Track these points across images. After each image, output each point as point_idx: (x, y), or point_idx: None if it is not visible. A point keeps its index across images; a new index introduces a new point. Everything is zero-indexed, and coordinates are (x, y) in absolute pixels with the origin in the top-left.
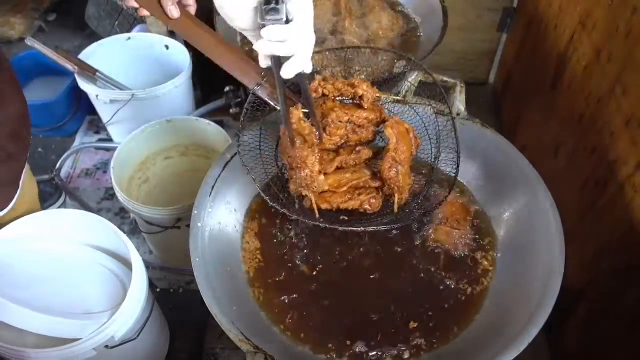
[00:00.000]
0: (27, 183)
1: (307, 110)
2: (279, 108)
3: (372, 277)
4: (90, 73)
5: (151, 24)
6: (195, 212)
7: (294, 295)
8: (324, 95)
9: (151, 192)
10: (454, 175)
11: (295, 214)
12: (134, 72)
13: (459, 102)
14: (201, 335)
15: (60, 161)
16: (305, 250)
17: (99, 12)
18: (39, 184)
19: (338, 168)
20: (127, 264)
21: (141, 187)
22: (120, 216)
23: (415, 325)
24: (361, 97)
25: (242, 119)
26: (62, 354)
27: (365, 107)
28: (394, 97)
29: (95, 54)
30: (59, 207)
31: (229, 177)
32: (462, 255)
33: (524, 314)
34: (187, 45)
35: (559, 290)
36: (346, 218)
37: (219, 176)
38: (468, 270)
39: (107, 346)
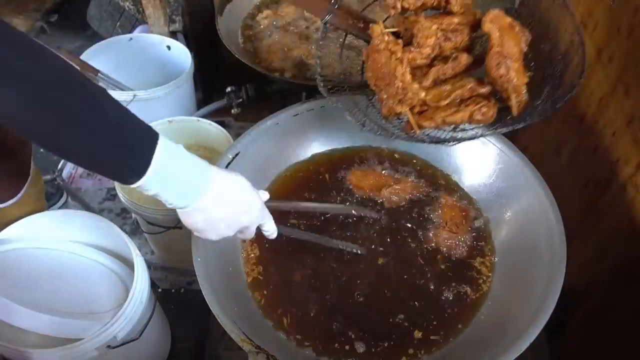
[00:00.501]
0: (35, 179)
1: (389, 29)
2: (356, 34)
3: (372, 280)
4: (92, 73)
5: (152, 25)
6: None
7: (295, 296)
8: (404, 9)
9: None
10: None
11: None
12: (135, 72)
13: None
14: (203, 335)
15: (62, 161)
16: (306, 251)
17: (100, 13)
18: None
19: (435, 82)
20: (129, 264)
21: None
22: (122, 216)
23: (415, 327)
24: (447, 2)
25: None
26: (64, 353)
27: (454, 11)
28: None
29: (97, 55)
30: (61, 207)
31: None
32: (462, 258)
33: (525, 314)
34: (189, 45)
35: (560, 291)
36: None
37: None
38: (468, 272)
39: (109, 346)
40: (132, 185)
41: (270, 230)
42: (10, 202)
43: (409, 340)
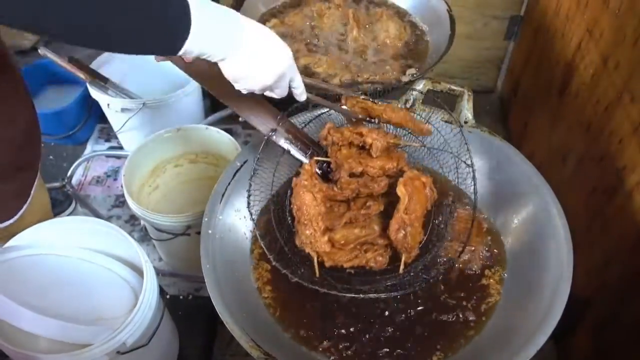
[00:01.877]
0: (38, 193)
1: (321, 159)
2: (294, 154)
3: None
4: (102, 82)
5: None
6: (206, 219)
7: (305, 303)
8: (334, 143)
9: (161, 199)
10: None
11: (297, 277)
12: (144, 80)
13: (467, 110)
14: (210, 341)
15: (72, 169)
16: None
17: None
18: (49, 191)
19: (346, 223)
20: (138, 271)
21: (151, 194)
22: (130, 223)
23: (425, 334)
24: (370, 146)
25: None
26: (74, 359)
27: (374, 156)
28: (412, 143)
29: (106, 63)
30: (69, 214)
31: (239, 185)
32: (473, 270)
33: (532, 321)
34: None
35: (568, 298)
36: (352, 272)
37: (229, 184)
38: (477, 281)
39: (118, 352)
40: (179, 52)
41: (299, 86)
42: (8, 222)
43: (420, 348)
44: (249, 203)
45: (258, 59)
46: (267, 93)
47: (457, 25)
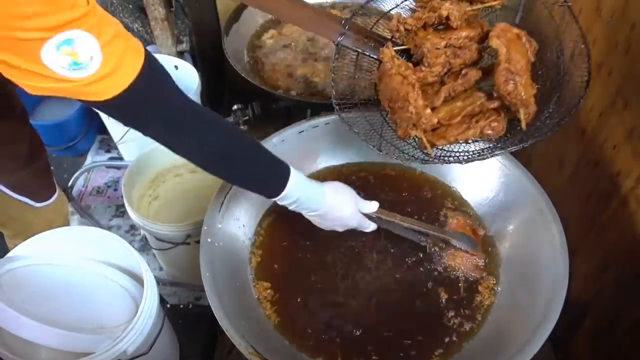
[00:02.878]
0: (61, 197)
1: (399, 47)
2: (369, 53)
3: (382, 297)
4: None
5: (160, 45)
6: (205, 227)
7: (305, 311)
8: (407, 30)
9: (161, 208)
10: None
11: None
12: None
13: None
14: (211, 350)
15: (72, 179)
16: (314, 266)
17: None
18: None
19: (446, 99)
20: (138, 280)
21: (151, 204)
22: (131, 233)
23: (420, 339)
24: (447, 18)
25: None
26: None
27: (455, 27)
28: (490, 3)
29: None
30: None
31: (238, 194)
32: (467, 272)
33: (528, 327)
34: (196, 65)
35: (565, 304)
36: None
37: (228, 192)
38: (473, 287)
39: None
40: (277, 198)
41: (364, 226)
42: (50, 201)
43: (415, 354)
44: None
45: (334, 216)
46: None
47: None
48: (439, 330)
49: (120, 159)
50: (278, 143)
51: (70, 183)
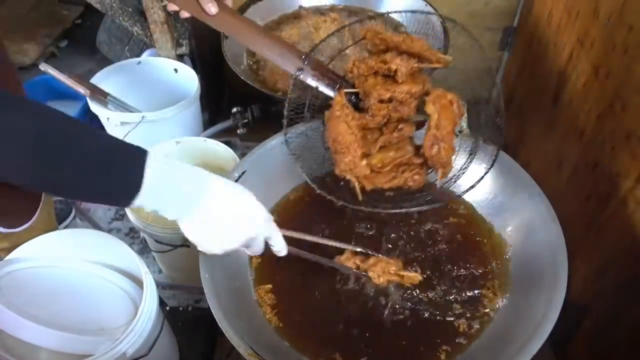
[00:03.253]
0: (46, 203)
1: (350, 90)
2: (322, 90)
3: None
4: (102, 96)
5: (160, 48)
6: None
7: (305, 312)
8: (359, 74)
9: None
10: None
11: (342, 200)
12: (144, 94)
13: (462, 121)
14: (210, 352)
15: None
16: (315, 269)
17: (109, 38)
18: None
19: (382, 147)
20: (138, 282)
21: None
22: (130, 236)
23: (422, 342)
24: (395, 72)
25: (284, 121)
26: None
27: (400, 82)
28: (436, 65)
29: (106, 78)
30: (70, 222)
31: None
32: (470, 274)
33: (527, 328)
34: (196, 68)
35: (564, 304)
36: (392, 194)
37: None
38: (472, 289)
39: None
40: (133, 206)
41: (279, 246)
42: (23, 227)
43: (415, 355)
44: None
45: (218, 223)
46: (242, 249)
47: (451, 36)
48: (441, 332)
49: None
50: (277, 145)
51: None
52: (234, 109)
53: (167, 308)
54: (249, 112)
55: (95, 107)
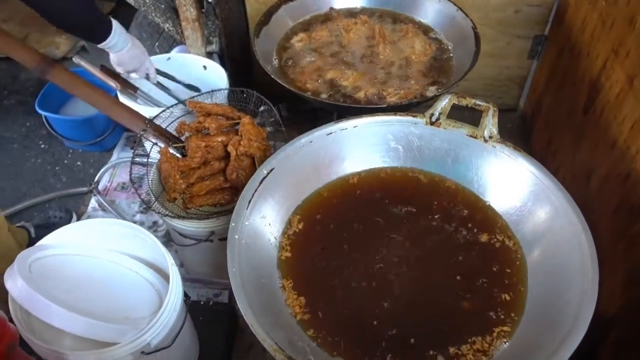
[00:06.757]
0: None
1: (177, 145)
2: (160, 144)
3: (413, 298)
4: (132, 91)
5: (190, 45)
6: (233, 224)
7: (330, 309)
8: (186, 132)
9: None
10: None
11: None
12: (172, 90)
13: (492, 125)
14: (229, 348)
15: (99, 175)
16: (342, 266)
17: (140, 34)
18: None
19: (199, 179)
20: (162, 274)
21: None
22: (153, 229)
23: (449, 349)
24: (209, 128)
25: (131, 159)
26: (100, 357)
27: (212, 134)
28: (237, 120)
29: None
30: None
31: (265, 192)
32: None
33: (554, 339)
34: (224, 65)
35: (591, 317)
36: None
37: (256, 190)
38: (500, 296)
39: (142, 352)
40: (100, 45)
41: (152, 72)
42: None
43: None
44: (131, 180)
45: (134, 52)
46: (132, 75)
47: (481, 43)
48: (464, 341)
49: (147, 155)
50: (306, 144)
51: (96, 178)
52: (262, 108)
53: (189, 301)
54: (276, 110)
55: (124, 101)
